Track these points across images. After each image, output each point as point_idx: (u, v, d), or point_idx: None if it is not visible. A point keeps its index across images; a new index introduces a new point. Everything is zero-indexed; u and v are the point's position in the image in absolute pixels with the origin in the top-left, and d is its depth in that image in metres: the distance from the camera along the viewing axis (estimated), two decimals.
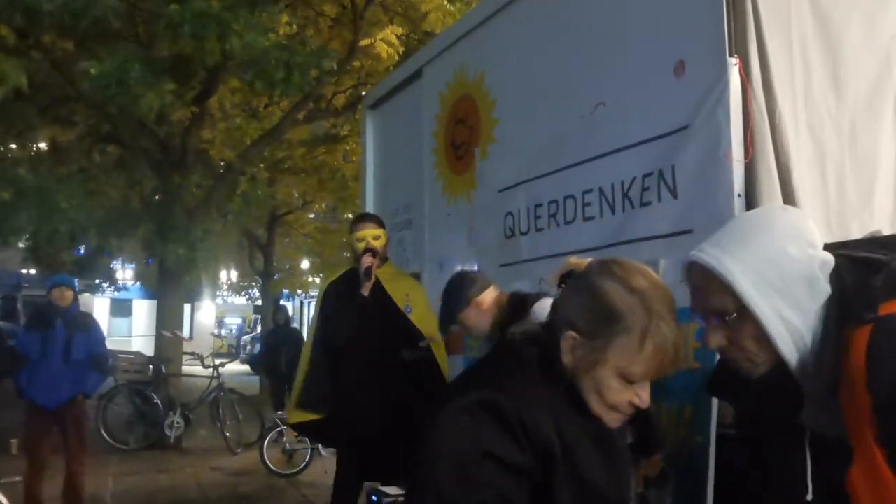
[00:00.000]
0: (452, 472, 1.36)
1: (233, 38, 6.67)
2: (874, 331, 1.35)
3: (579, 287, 1.54)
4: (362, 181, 6.41)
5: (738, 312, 1.43)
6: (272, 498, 7.96)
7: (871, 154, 3.29)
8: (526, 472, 1.38)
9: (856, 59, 3.29)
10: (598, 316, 1.47)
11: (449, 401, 1.47)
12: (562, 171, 3.84)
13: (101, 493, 7.69)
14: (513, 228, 4.23)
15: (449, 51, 5.10)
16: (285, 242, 21.89)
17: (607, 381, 1.46)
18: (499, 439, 1.37)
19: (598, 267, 1.55)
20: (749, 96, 2.94)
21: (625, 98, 3.49)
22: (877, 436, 1.32)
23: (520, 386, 1.45)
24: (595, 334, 1.47)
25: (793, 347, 1.41)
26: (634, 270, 1.51)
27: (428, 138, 5.29)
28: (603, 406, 1.49)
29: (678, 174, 3.15)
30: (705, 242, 1.50)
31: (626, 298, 1.46)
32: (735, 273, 1.43)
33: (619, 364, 1.45)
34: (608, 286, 1.48)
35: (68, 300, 6.46)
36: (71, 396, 6.28)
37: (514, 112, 4.35)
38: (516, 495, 1.37)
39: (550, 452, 1.40)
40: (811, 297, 1.42)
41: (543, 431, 1.40)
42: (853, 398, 1.34)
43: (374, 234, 4.45)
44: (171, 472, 9.12)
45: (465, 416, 1.41)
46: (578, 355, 1.48)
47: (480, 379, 1.53)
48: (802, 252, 1.44)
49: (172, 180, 10.95)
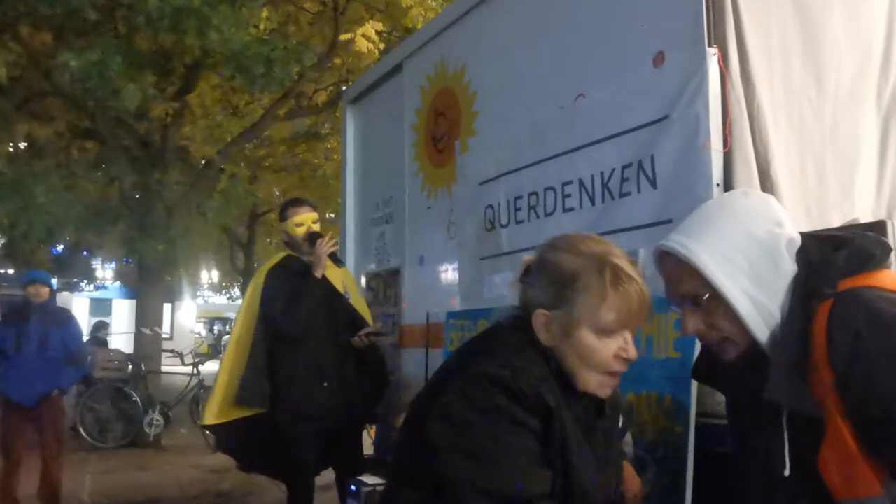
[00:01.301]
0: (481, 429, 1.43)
1: (212, 33, 6.63)
2: (833, 306, 1.37)
3: (535, 271, 1.63)
4: (342, 176, 6.39)
5: (709, 295, 1.45)
6: (252, 495, 7.91)
7: (852, 145, 3.31)
8: (537, 432, 1.46)
9: (837, 50, 3.30)
10: (555, 285, 1.56)
11: (454, 378, 1.53)
12: (542, 163, 3.84)
13: (78, 491, 7.61)
14: (493, 221, 4.22)
15: (429, 44, 5.09)
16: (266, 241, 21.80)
17: (587, 342, 1.53)
18: (512, 407, 1.44)
19: (546, 246, 1.64)
20: (728, 86, 2.95)
21: (604, 89, 3.48)
22: (841, 410, 1.33)
23: (521, 362, 1.50)
24: (559, 302, 1.55)
25: (762, 325, 1.44)
26: (580, 237, 1.63)
27: (408, 132, 5.27)
28: (592, 371, 1.54)
29: (658, 165, 3.15)
30: (672, 232, 1.53)
31: (576, 260, 1.56)
32: (702, 257, 1.46)
33: (590, 320, 1.52)
34: (557, 256, 1.58)
35: (43, 297, 6.40)
36: (46, 392, 6.21)
37: (494, 104, 4.34)
38: (536, 447, 1.46)
39: (549, 416, 1.47)
40: (777, 274, 1.44)
41: (544, 399, 1.46)
42: (819, 374, 1.35)
43: (314, 217, 4.41)
44: (151, 470, 9.05)
45: (475, 388, 1.47)
46: (553, 329, 1.54)
47: (483, 356, 1.55)
48: (766, 231, 1.47)
49: (152, 177, 10.86)
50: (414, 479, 1.52)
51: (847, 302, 1.37)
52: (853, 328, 1.32)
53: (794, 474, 1.43)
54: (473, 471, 1.41)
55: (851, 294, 1.38)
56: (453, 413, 1.45)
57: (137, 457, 9.79)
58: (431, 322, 4.76)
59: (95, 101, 8.27)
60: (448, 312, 4.52)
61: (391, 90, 5.67)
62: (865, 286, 1.39)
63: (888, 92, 3.42)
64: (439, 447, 1.45)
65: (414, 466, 1.53)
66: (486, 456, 1.41)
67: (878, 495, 1.33)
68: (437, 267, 4.91)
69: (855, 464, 1.33)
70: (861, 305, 1.35)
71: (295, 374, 4.22)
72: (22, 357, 6.15)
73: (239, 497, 7.85)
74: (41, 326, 6.25)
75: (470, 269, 4.40)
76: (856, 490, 1.34)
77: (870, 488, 1.33)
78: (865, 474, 1.33)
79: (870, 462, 1.33)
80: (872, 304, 1.34)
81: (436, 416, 1.47)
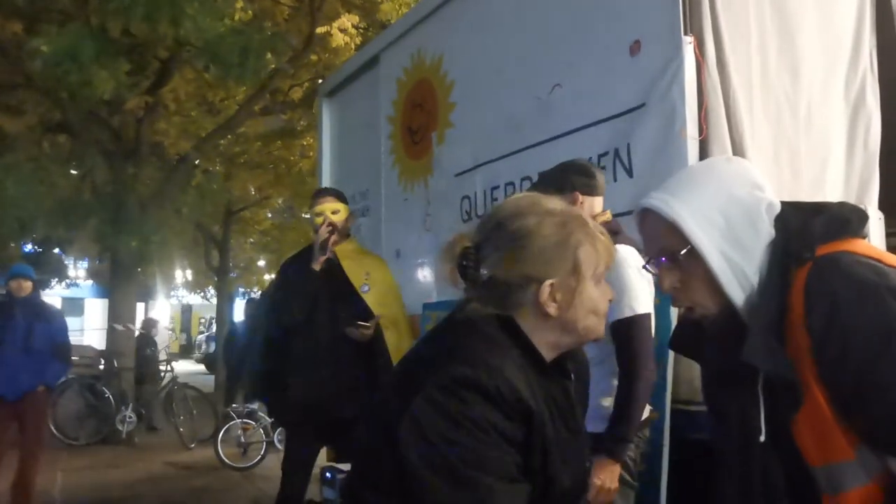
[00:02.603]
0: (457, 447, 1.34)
1: (186, 23, 6.57)
2: (811, 270, 1.37)
3: (507, 243, 1.51)
4: (318, 168, 6.36)
5: (686, 251, 1.45)
6: (226, 491, 7.84)
7: (824, 137, 3.34)
8: (517, 442, 1.38)
9: (811, 44, 3.33)
10: (548, 251, 1.49)
11: (421, 383, 1.40)
12: (519, 153, 3.84)
13: (49, 488, 7.51)
14: (469, 212, 4.22)
15: (406, 36, 5.08)
16: (241, 240, 21.63)
17: (593, 294, 1.52)
18: (490, 414, 1.35)
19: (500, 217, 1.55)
20: (704, 75, 2.96)
21: (581, 78, 3.49)
22: (816, 374, 1.33)
23: (497, 359, 1.41)
24: (560, 266, 1.50)
25: (737, 286, 1.43)
26: (527, 199, 1.58)
27: (384, 124, 5.25)
28: (596, 318, 1.54)
29: (634, 153, 3.17)
30: (655, 191, 1.52)
31: (556, 220, 1.51)
32: (682, 214, 1.45)
33: (591, 273, 1.52)
34: (530, 223, 1.51)
35: (27, 290, 6.30)
36: (31, 387, 6.13)
37: (471, 95, 4.33)
38: (516, 460, 1.38)
39: (530, 420, 1.40)
40: (755, 236, 1.44)
41: (525, 402, 1.39)
42: (795, 337, 1.36)
43: (333, 207, 4.33)
44: (123, 468, 8.94)
45: (450, 398, 1.36)
46: (560, 296, 1.49)
47: (453, 357, 1.43)
48: (748, 193, 1.47)
49: (125, 171, 10.74)
50: (378, 482, 1.45)
51: (825, 267, 1.37)
52: (831, 293, 1.33)
53: (769, 441, 1.43)
54: (448, 492, 1.33)
55: (830, 259, 1.38)
56: (426, 425, 1.35)
57: (110, 454, 9.68)
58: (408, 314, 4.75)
59: (68, 90, 8.13)
60: (424, 304, 4.51)
61: (367, 83, 5.65)
62: (844, 251, 1.40)
63: (856, 85, 3.46)
64: (410, 461, 1.36)
65: (379, 469, 1.45)
66: (461, 478, 1.32)
67: (851, 460, 1.33)
68: (413, 259, 4.89)
69: (828, 429, 1.33)
70: (839, 271, 1.35)
71: (288, 363, 4.21)
72: (6, 351, 6.05)
73: (212, 494, 7.77)
74: (26, 321, 6.15)
75: None
76: (829, 455, 1.35)
77: (843, 453, 1.33)
78: (838, 440, 1.33)
79: (843, 427, 1.33)
80: (851, 269, 1.35)
81: (407, 426, 1.38)
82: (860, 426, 1.32)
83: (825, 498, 1.38)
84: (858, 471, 1.34)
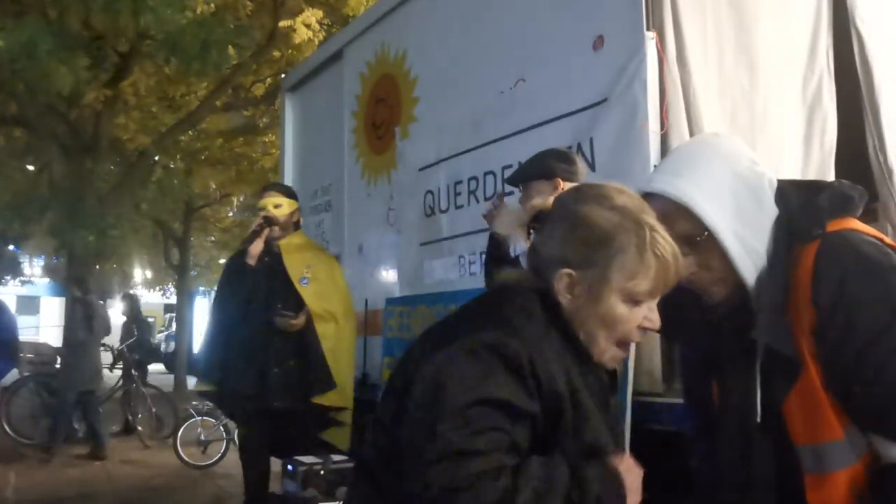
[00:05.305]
0: (458, 416, 1.25)
1: (147, 14, 6.48)
2: (821, 246, 1.37)
3: (558, 221, 1.43)
4: (280, 163, 6.33)
5: (705, 235, 1.42)
6: (186, 490, 7.75)
7: (779, 134, 3.39)
8: (531, 417, 1.29)
9: (768, 43, 3.38)
10: (588, 242, 1.37)
11: (450, 342, 1.34)
12: (482, 148, 3.86)
13: (2, 487, 7.37)
14: (433, 207, 4.22)
15: (370, 30, 5.07)
16: (202, 238, 21.40)
17: (615, 310, 1.37)
18: (507, 386, 1.27)
19: (573, 195, 1.45)
20: (665, 70, 3.00)
21: (545, 73, 3.52)
22: (813, 351, 1.34)
23: (532, 332, 1.34)
24: (590, 262, 1.37)
25: (752, 267, 1.42)
26: (611, 189, 1.42)
27: (348, 119, 5.24)
28: (611, 341, 1.39)
29: (596, 147, 3.20)
30: (654, 173, 1.50)
31: (612, 217, 1.37)
32: (695, 196, 1.42)
33: (623, 286, 1.36)
34: (588, 210, 1.39)
35: None
36: None
37: (434, 90, 4.34)
38: (522, 438, 1.28)
39: (560, 406, 1.32)
40: (761, 212, 1.44)
41: (554, 385, 1.31)
42: (798, 314, 1.37)
43: (275, 202, 4.34)
44: (80, 467, 8.80)
45: (472, 360, 1.29)
46: (578, 291, 1.39)
47: (486, 321, 1.37)
48: (748, 168, 1.47)
49: (83, 166, 10.54)
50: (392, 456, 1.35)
51: (835, 243, 1.37)
52: (841, 269, 1.34)
53: (764, 422, 1.43)
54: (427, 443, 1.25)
55: (840, 236, 1.39)
56: (437, 381, 1.28)
57: (66, 453, 9.51)
58: (370, 309, 4.74)
59: (25, 84, 7.97)
60: (386, 299, 4.50)
61: (331, 77, 5.63)
62: (852, 229, 1.41)
63: (813, 84, 3.51)
64: (409, 411, 1.31)
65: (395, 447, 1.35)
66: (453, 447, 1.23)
67: (840, 440, 1.35)
68: (376, 254, 4.89)
69: (820, 408, 1.35)
70: (850, 248, 1.36)
71: (229, 356, 4.23)
72: None
73: (172, 492, 7.68)
74: None
75: (409, 255, 4.39)
76: (818, 434, 1.36)
77: (832, 433, 1.35)
78: (829, 419, 1.34)
79: (834, 408, 1.34)
80: (860, 247, 1.36)
81: (422, 375, 1.32)
82: (854, 402, 1.33)
83: (808, 477, 1.39)
84: (847, 451, 1.36)
